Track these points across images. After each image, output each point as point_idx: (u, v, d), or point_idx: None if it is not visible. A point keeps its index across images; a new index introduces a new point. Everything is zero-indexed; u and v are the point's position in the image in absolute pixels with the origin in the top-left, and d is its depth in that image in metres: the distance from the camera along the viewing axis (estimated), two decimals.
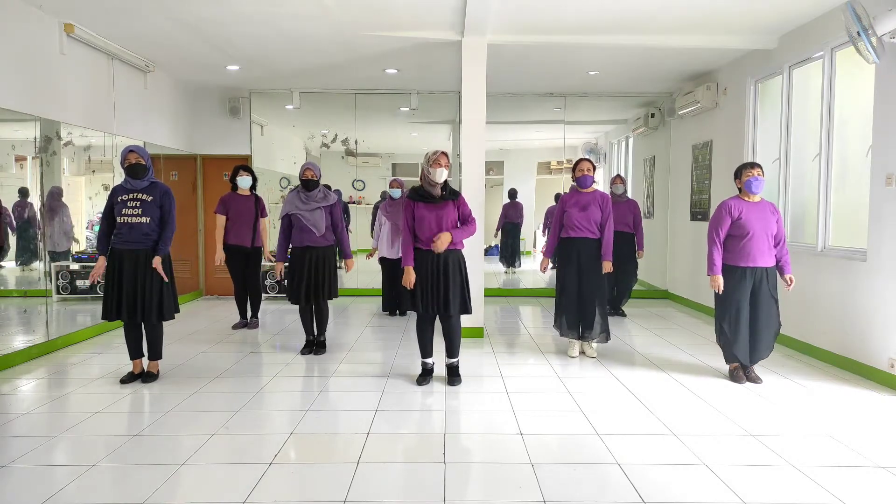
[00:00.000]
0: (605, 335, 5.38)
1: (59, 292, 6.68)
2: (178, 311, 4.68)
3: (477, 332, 6.14)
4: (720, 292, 4.63)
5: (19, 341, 5.51)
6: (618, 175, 7.57)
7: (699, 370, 5.02)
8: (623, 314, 7.50)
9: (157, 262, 4.45)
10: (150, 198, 4.44)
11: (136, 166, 4.41)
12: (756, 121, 6.72)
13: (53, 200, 6.15)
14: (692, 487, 2.94)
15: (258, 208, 6.53)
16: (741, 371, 4.71)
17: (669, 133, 9.05)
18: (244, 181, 6.46)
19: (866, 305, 4.86)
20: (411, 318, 7.15)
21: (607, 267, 5.24)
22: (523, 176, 12.59)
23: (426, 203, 4.43)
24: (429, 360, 4.67)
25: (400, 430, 3.70)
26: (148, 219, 4.42)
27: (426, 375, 4.65)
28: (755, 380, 4.66)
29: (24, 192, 5.81)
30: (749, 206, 4.58)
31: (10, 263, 6.01)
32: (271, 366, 5.13)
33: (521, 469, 3.12)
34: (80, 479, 2.98)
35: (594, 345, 5.45)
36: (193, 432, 3.59)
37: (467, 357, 5.38)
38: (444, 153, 4.41)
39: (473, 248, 6.21)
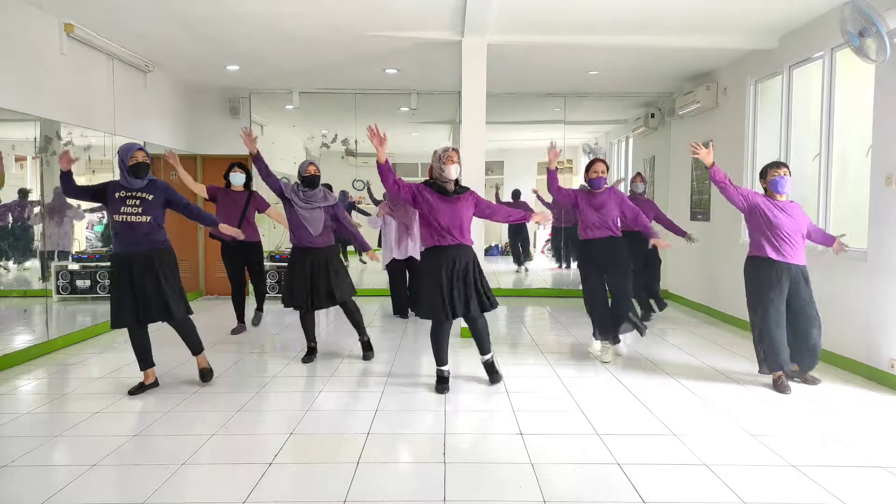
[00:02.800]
0: (636, 326, 5.26)
1: (59, 292, 6.68)
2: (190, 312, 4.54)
3: None
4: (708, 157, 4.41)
5: (19, 341, 5.51)
6: (638, 173, 7.50)
7: (699, 370, 5.01)
8: (664, 305, 7.41)
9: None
10: (152, 196, 4.29)
11: (144, 165, 4.28)
12: (756, 121, 6.72)
13: (60, 201, 6.18)
14: (692, 487, 2.94)
15: (251, 204, 6.36)
16: (785, 379, 4.46)
17: (669, 133, 9.05)
18: (237, 178, 6.36)
19: (866, 305, 4.85)
20: (411, 318, 7.14)
21: (662, 244, 5.20)
22: (523, 176, 12.58)
23: (440, 195, 4.31)
24: (445, 368, 4.50)
25: (400, 430, 3.70)
26: (149, 218, 4.26)
27: (443, 383, 4.46)
28: (812, 381, 4.57)
29: (23, 193, 5.80)
30: (779, 204, 4.44)
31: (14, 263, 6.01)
32: (271, 366, 5.13)
33: (521, 469, 3.12)
34: (80, 479, 2.98)
35: (623, 344, 5.39)
36: (193, 432, 3.59)
37: (467, 357, 5.38)
38: (456, 150, 4.34)
39: (473, 248, 6.21)
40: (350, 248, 10.43)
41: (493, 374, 4.61)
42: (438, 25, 5.90)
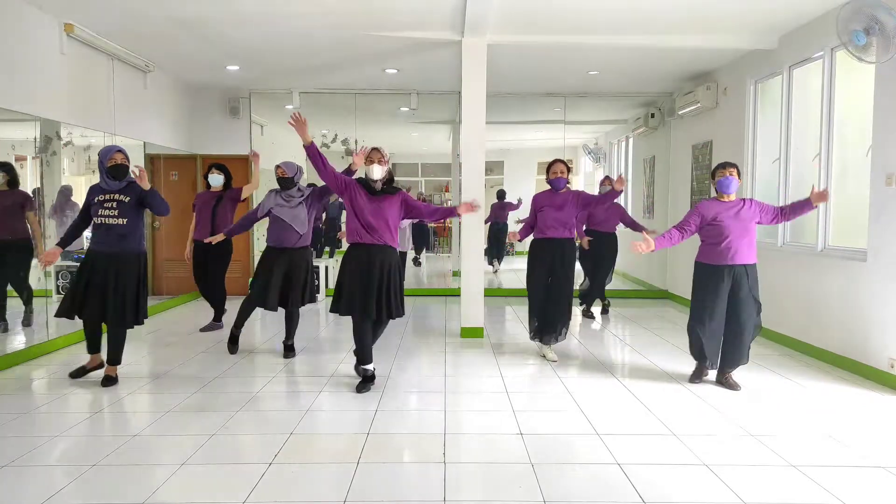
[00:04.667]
0: (564, 333, 5.37)
1: (59, 292, 6.67)
2: (146, 316, 4.57)
3: (477, 332, 6.14)
4: (649, 247, 4.40)
5: (19, 341, 5.51)
6: (607, 177, 7.56)
7: None
8: (592, 316, 7.39)
9: (145, 177, 4.29)
10: (128, 198, 4.39)
11: (122, 167, 4.37)
12: (756, 121, 6.72)
13: (63, 200, 6.17)
14: (692, 487, 2.94)
15: (221, 204, 6.25)
16: (704, 370, 4.63)
17: (669, 133, 9.05)
18: (214, 179, 6.32)
19: (866, 305, 4.85)
20: (414, 320, 7.14)
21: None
22: (523, 176, 12.58)
23: (367, 192, 4.35)
24: (369, 367, 4.46)
25: (400, 430, 3.70)
26: (125, 220, 4.36)
27: (366, 382, 4.41)
28: (734, 386, 4.48)
29: (33, 193, 5.80)
30: (725, 206, 4.43)
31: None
32: (271, 366, 5.13)
33: (521, 469, 3.12)
34: (80, 479, 2.98)
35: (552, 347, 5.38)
36: (193, 432, 3.59)
37: (468, 357, 5.39)
38: (376, 149, 4.36)
39: (473, 248, 6.22)
40: (327, 248, 10.45)
41: (362, 385, 4.40)
42: (438, 25, 5.90)
